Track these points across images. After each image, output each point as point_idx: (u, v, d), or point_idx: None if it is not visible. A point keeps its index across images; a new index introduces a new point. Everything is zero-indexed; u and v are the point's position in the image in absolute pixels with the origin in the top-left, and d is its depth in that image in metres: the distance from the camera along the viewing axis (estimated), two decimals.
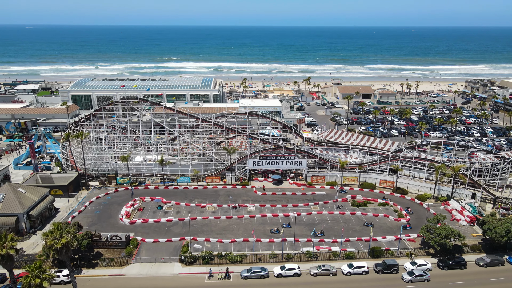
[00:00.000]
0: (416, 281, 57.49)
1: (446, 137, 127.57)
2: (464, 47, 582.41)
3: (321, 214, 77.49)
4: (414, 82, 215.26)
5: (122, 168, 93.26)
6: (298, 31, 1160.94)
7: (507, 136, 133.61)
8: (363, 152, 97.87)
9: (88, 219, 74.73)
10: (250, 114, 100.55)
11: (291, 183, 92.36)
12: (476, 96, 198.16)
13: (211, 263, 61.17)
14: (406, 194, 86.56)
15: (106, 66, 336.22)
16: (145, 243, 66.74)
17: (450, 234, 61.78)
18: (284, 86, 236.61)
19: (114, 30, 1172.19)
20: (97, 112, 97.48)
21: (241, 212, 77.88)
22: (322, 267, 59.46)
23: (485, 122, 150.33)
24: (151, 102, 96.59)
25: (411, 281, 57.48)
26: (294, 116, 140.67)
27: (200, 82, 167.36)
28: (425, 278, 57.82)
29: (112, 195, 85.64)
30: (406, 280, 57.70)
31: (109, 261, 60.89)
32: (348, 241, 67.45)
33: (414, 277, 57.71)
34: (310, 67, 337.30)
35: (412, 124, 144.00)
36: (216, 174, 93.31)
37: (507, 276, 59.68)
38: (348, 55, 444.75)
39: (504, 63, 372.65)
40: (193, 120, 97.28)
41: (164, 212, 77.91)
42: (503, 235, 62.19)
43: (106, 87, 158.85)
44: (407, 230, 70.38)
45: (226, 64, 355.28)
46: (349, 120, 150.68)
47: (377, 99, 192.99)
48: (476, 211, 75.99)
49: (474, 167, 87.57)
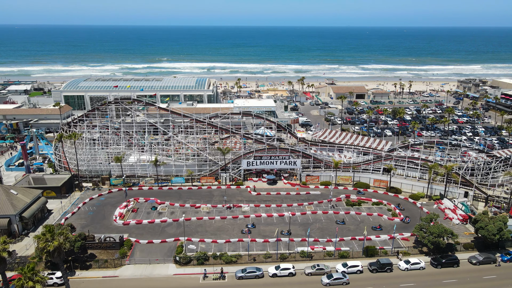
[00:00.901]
0: (334, 284, 56.36)
1: (439, 137, 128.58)
2: (456, 47, 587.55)
3: (315, 214, 77.70)
4: (407, 82, 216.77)
5: (115, 169, 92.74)
6: (292, 31, 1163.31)
7: (498, 135, 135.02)
8: (357, 152, 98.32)
9: (81, 220, 74.19)
10: (244, 114, 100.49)
11: (285, 183, 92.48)
12: (469, 96, 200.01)
13: (205, 263, 61.05)
14: (400, 193, 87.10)
15: (99, 67, 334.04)
16: (139, 244, 66.41)
17: (443, 233, 62.28)
18: (278, 86, 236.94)
19: (107, 30, 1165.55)
20: (90, 112, 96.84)
21: (235, 213, 77.83)
22: (316, 267, 59.60)
23: (477, 121, 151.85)
24: (144, 103, 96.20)
25: (329, 284, 56.27)
26: (288, 116, 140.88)
27: (194, 82, 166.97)
28: (343, 281, 56.62)
29: (105, 196, 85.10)
30: (324, 283, 56.58)
31: (102, 263, 60.50)
32: (343, 240, 67.73)
33: (332, 280, 56.50)
34: (304, 67, 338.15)
35: (405, 124, 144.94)
36: (211, 174, 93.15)
37: (500, 274, 60.32)
38: (342, 55, 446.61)
39: (496, 63, 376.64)
40: (187, 120, 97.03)
41: (158, 213, 77.59)
42: (495, 233, 62.83)
43: (99, 87, 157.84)
44: (402, 228, 70.83)
45: (220, 64, 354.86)
46: (343, 120, 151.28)
47: (371, 99, 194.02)
48: (468, 210, 76.70)
49: (467, 166, 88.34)
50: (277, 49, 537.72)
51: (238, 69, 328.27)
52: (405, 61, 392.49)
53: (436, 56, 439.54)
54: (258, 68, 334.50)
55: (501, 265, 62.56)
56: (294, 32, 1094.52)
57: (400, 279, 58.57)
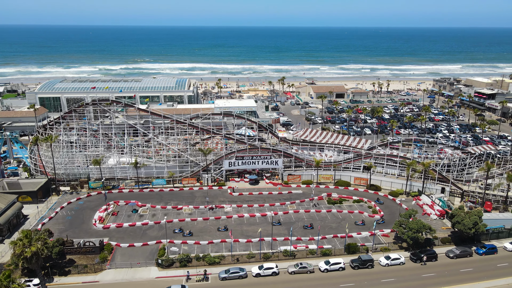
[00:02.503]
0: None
1: (416, 135, 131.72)
2: (432, 47, 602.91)
3: (298, 213, 78.26)
4: (385, 81, 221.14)
5: (94, 172, 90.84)
6: (271, 31, 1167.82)
7: (472, 132, 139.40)
8: (338, 151, 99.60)
9: (59, 225, 72.32)
10: (225, 114, 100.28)
11: (267, 183, 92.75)
12: (444, 94, 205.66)
13: (188, 265, 60.55)
14: (380, 190, 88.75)
15: (75, 68, 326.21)
16: (120, 248, 65.28)
17: (421, 228, 63.83)
18: (259, 86, 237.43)
19: (83, 30, 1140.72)
20: (67, 114, 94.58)
21: (218, 213, 77.52)
22: (299, 265, 60.06)
23: (452, 119, 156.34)
24: (123, 104, 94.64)
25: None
26: (269, 116, 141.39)
27: (174, 83, 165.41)
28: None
29: (84, 200, 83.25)
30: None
31: (82, 268, 59.15)
32: (325, 238, 68.48)
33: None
34: (284, 67, 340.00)
35: (384, 122, 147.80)
36: (192, 175, 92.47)
37: (476, 266, 62.30)
38: (322, 55, 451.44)
39: (469, 62, 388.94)
40: (168, 121, 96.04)
41: (139, 216, 76.45)
42: (471, 227, 64.86)
43: (76, 89, 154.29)
44: (382, 224, 72.24)
45: (200, 65, 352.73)
46: (323, 119, 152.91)
47: (350, 98, 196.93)
48: (445, 205, 78.90)
49: (443, 163, 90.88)
50: (257, 49, 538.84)
51: (218, 69, 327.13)
52: (383, 61, 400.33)
53: (413, 56, 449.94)
54: (238, 69, 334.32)
55: (477, 258, 64.54)
56: (273, 32, 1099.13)
57: (381, 275, 59.68)
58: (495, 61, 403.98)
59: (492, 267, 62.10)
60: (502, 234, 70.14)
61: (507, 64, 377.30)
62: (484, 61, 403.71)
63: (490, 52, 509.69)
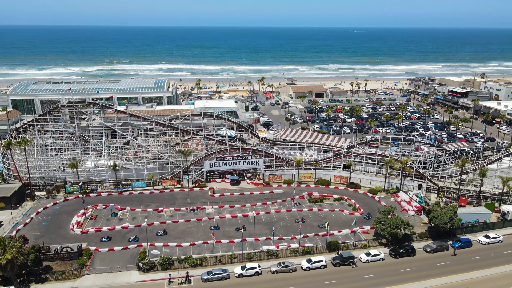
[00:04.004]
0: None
1: (394, 133, 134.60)
2: (408, 47, 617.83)
3: (279, 212, 78.63)
4: (363, 81, 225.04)
5: (71, 176, 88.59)
6: (249, 32, 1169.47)
7: (447, 130, 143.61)
8: (318, 150, 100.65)
9: (35, 231, 70.16)
10: (205, 115, 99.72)
11: (248, 183, 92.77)
12: (419, 93, 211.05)
13: (170, 268, 59.84)
14: (359, 188, 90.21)
15: (49, 69, 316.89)
16: (99, 252, 63.90)
17: (400, 224, 65.28)
18: (239, 86, 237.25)
19: (57, 30, 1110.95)
20: (41, 117, 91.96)
21: (199, 215, 77.00)
22: (282, 264, 60.34)
23: (427, 117, 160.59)
24: (101, 106, 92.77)
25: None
26: (250, 116, 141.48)
27: (152, 84, 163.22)
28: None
29: (61, 205, 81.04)
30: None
31: (60, 275, 57.54)
32: (306, 237, 69.07)
33: None
34: (263, 68, 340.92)
35: (362, 121, 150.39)
36: (173, 177, 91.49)
37: (452, 260, 64.21)
38: (300, 56, 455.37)
39: (443, 62, 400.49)
40: (147, 123, 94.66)
41: (119, 219, 75.05)
42: (446, 222, 66.80)
43: (50, 90, 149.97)
44: (362, 222, 73.39)
45: (178, 66, 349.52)
46: (303, 119, 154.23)
47: (329, 97, 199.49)
48: (422, 201, 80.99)
49: (419, 160, 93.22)
50: (236, 50, 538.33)
51: (198, 70, 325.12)
52: (361, 61, 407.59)
53: (390, 56, 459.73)
54: (218, 69, 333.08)
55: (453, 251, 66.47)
56: (251, 33, 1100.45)
57: (361, 271, 60.66)
58: (468, 61, 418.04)
59: (467, 260, 64.13)
60: (476, 228, 72.56)
61: (479, 63, 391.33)
62: (457, 61, 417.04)
63: (463, 52, 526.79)
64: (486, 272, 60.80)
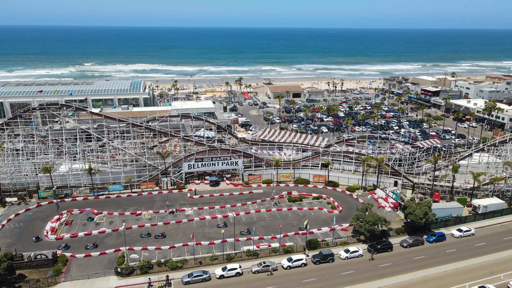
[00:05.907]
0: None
1: (370, 131, 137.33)
2: (382, 48, 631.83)
3: (259, 212, 78.80)
4: (340, 80, 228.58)
5: (44, 180, 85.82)
6: (226, 32, 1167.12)
7: (420, 127, 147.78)
8: (296, 149, 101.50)
9: (6, 239, 67.58)
10: (183, 116, 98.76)
11: (228, 184, 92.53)
12: (393, 92, 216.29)
13: (150, 272, 58.94)
14: (338, 186, 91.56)
15: (19, 71, 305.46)
16: (75, 258, 62.22)
17: (377, 221, 66.70)
18: (216, 87, 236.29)
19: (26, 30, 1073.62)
20: (11, 120, 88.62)
21: (179, 217, 76.19)
22: (263, 264, 60.50)
23: (402, 116, 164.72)
24: (74, 108, 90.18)
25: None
26: (228, 117, 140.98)
27: (128, 85, 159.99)
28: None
29: (34, 211, 78.37)
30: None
31: (34, 283, 55.68)
32: (287, 236, 69.51)
33: None
34: (241, 69, 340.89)
35: (339, 120, 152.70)
36: (151, 179, 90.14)
37: (427, 254, 66.13)
38: (278, 56, 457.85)
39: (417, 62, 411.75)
40: (123, 125, 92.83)
41: (95, 224, 73.29)
42: (421, 217, 68.77)
43: (20, 92, 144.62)
44: (341, 219, 74.49)
45: (155, 67, 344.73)
46: (281, 118, 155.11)
47: (307, 97, 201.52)
48: (398, 198, 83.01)
49: (395, 158, 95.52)
50: (213, 50, 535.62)
51: (175, 71, 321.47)
52: (338, 61, 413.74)
53: (365, 57, 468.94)
54: (195, 70, 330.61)
55: (428, 246, 68.45)
56: (229, 33, 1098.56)
57: (341, 268, 61.62)
58: (439, 60, 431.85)
59: (441, 253, 66.24)
60: (449, 222, 75.03)
61: (449, 63, 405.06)
62: (430, 61, 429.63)
63: (435, 52, 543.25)
64: (460, 265, 62.98)
